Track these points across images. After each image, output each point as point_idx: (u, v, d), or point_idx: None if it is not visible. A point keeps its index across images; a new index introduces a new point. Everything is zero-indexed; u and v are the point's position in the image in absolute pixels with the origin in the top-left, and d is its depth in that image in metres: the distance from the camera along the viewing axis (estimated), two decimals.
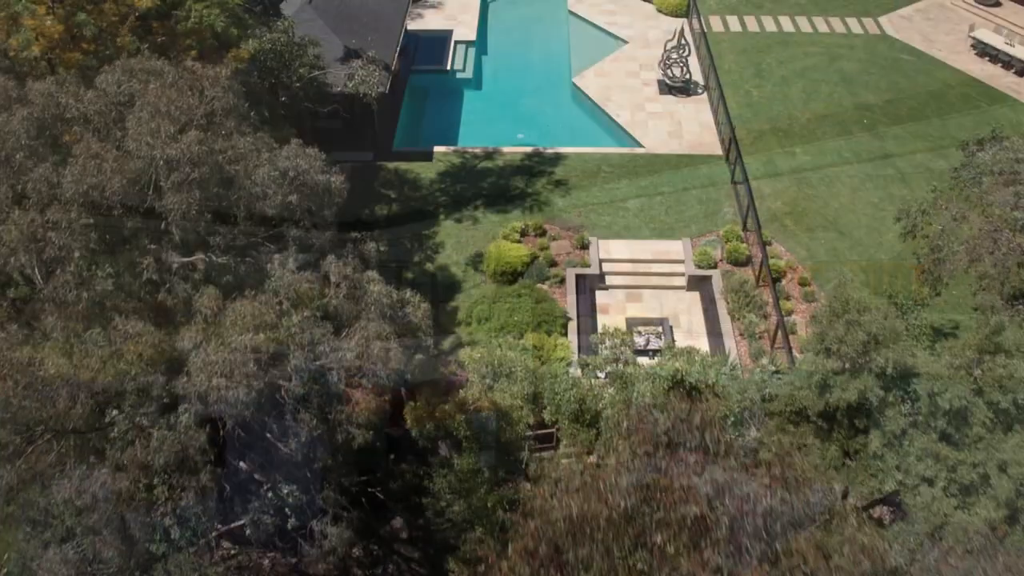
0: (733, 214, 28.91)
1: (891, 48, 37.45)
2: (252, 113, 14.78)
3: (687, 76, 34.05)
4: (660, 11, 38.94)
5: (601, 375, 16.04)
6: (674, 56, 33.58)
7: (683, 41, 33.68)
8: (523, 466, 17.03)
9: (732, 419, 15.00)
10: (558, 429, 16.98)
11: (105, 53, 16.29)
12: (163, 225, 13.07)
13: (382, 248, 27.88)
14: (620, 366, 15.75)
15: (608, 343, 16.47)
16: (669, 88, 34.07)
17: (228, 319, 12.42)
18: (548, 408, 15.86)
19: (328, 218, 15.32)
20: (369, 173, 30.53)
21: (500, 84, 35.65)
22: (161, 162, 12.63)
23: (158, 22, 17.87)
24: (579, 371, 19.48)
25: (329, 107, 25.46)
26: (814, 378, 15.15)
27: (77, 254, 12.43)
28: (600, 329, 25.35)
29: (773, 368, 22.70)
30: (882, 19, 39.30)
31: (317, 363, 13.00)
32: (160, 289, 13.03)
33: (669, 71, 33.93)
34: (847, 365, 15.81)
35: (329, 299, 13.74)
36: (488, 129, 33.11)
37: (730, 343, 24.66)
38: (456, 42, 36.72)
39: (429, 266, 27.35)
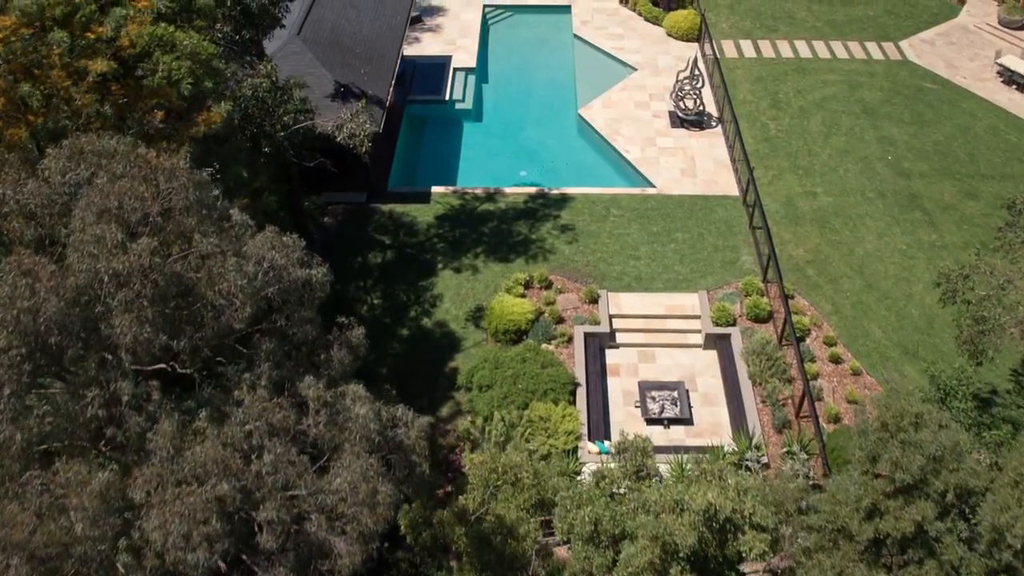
0: (752, 263, 27.04)
1: (913, 75, 35.55)
2: (219, 196, 12.86)
3: (700, 108, 32.16)
4: (670, 35, 36.99)
5: (619, 489, 14.21)
6: (687, 87, 31.66)
7: (696, 71, 31.74)
8: None
9: (767, 545, 13.17)
10: (569, 549, 15.18)
11: (58, 122, 14.37)
12: (111, 349, 11.19)
13: (376, 300, 26.29)
14: (639, 483, 13.89)
15: (626, 455, 14.59)
16: (681, 121, 32.15)
17: (187, 465, 10.54)
18: (558, 527, 14.03)
19: (308, 316, 13.40)
20: (362, 216, 28.59)
21: (501, 115, 33.70)
22: (106, 277, 10.74)
23: (117, 83, 15.95)
24: (592, 464, 17.62)
25: (316, 160, 23.54)
26: (863, 503, 13.30)
27: (8, 390, 10.55)
28: (612, 399, 23.95)
29: (804, 455, 20.92)
30: (903, 43, 37.41)
31: (294, 510, 11.13)
32: (109, 424, 11.16)
33: (682, 103, 32.02)
34: (899, 485, 13.97)
35: (307, 427, 11.85)
36: (489, 165, 31.22)
37: (752, 416, 22.78)
38: (455, 69, 34.76)
39: (426, 321, 25.47)
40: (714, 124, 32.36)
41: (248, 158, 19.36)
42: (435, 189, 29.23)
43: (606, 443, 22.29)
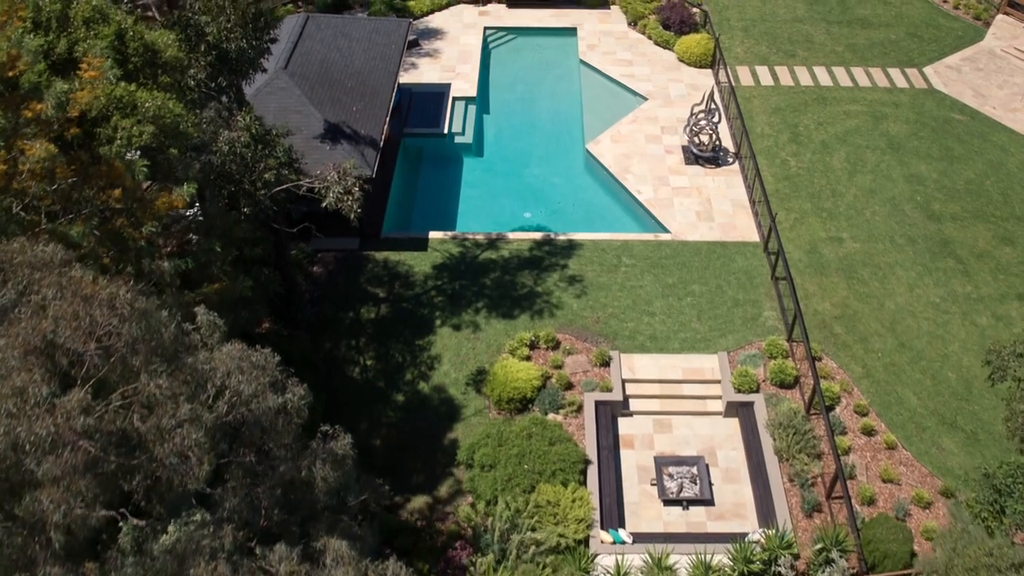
0: (776, 319, 25.08)
1: (940, 105, 33.57)
2: (174, 315, 10.88)
3: (716, 144, 30.18)
4: (682, 61, 34.94)
5: None
6: (703, 122, 29.67)
7: (713, 105, 29.74)
8: None
9: None
10: None
11: None
12: (38, 527, 9.23)
13: (369, 361, 24.23)
14: None
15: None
16: (696, 157, 30.15)
17: None
18: None
19: (283, 453, 11.39)
20: (355, 265, 26.58)
21: (504, 150, 31.64)
22: (28, 445, 8.77)
23: (70, 154, 13.96)
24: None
25: (302, 218, 21.55)
26: None
27: None
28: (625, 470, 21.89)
29: (843, 561, 18.90)
30: (927, 70, 35.41)
31: None
32: None
33: (696, 138, 30.03)
34: None
35: None
36: (490, 205, 29.19)
37: (779, 497, 20.81)
38: (454, 98, 32.64)
39: (423, 385, 23.49)
40: (731, 160, 30.36)
41: (223, 226, 17.36)
42: (433, 235, 27.22)
43: (620, 532, 20.34)
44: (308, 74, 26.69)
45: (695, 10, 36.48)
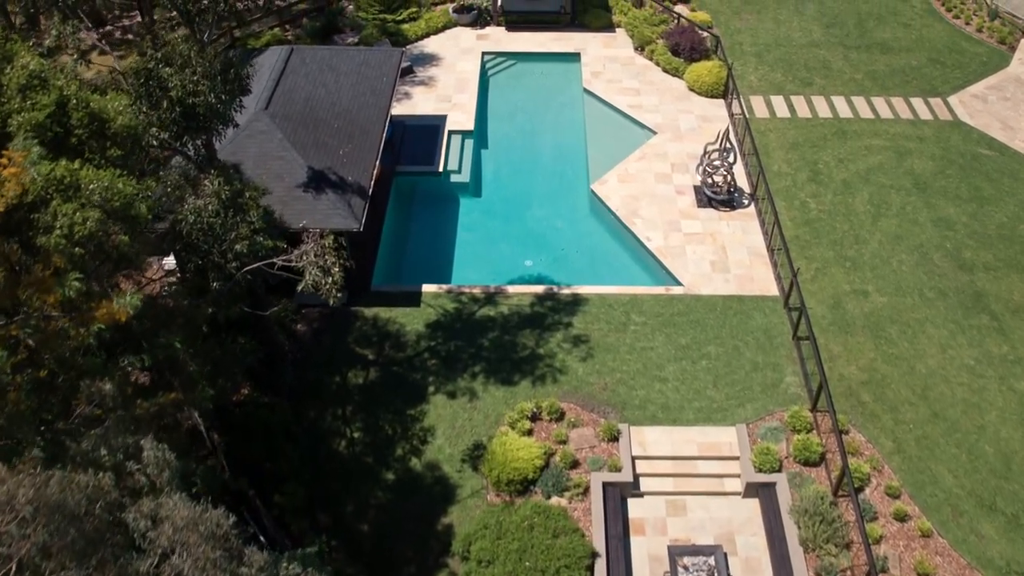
0: (798, 385, 23.12)
1: (967, 139, 31.59)
2: (110, 505, 8.93)
3: (732, 185, 28.24)
4: (692, 90, 32.89)
5: None
6: (717, 163, 27.69)
7: (728, 144, 27.77)
8: None
9: None
10: None
11: None
12: None
13: (356, 434, 22.21)
14: None
15: None
16: (709, 200, 28.18)
17: None
18: None
19: None
20: (342, 322, 24.55)
21: (503, 190, 29.58)
22: None
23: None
24: None
25: (277, 305, 19.60)
26: None
27: None
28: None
29: None
30: (952, 99, 33.43)
31: None
32: None
33: (710, 179, 28.06)
34: None
35: None
36: (489, 252, 27.19)
37: None
38: (450, 132, 30.58)
39: (415, 462, 21.54)
40: (746, 202, 28.36)
41: (187, 319, 15.39)
42: (426, 288, 25.22)
43: None
44: (291, 114, 24.65)
45: (705, 35, 34.51)
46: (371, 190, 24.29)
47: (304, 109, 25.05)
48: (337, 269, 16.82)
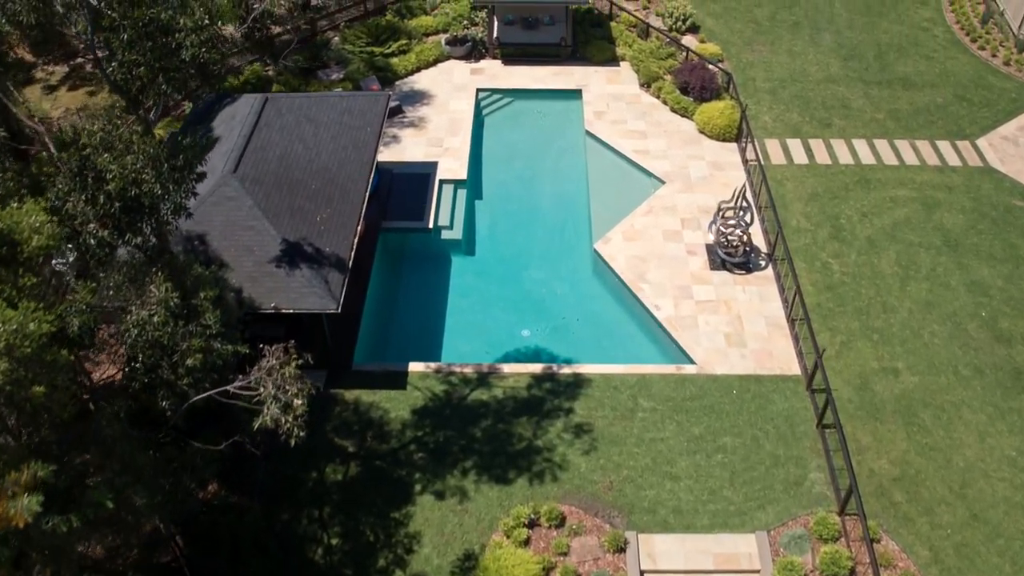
0: (824, 482, 20.86)
1: (999, 189, 29.31)
2: None
3: (748, 247, 25.95)
4: (702, 132, 30.52)
5: None
6: (732, 222, 25.44)
7: (744, 203, 25.53)
8: None
9: None
10: None
11: None
12: None
13: (334, 540, 19.89)
14: None
15: None
16: (723, 262, 25.95)
17: None
18: None
19: None
20: (320, 407, 22.10)
21: (498, 247, 27.20)
22: None
23: None
24: None
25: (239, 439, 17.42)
26: None
27: None
28: None
29: None
30: (981, 142, 31.14)
31: None
32: None
33: (724, 239, 25.81)
34: None
35: None
36: (483, 319, 24.88)
37: None
38: (441, 181, 28.24)
39: (399, 575, 19.36)
40: (763, 264, 26.11)
41: (123, 457, 13.17)
42: (413, 367, 22.93)
43: None
44: (263, 176, 22.33)
45: (716, 71, 32.17)
46: (352, 258, 21.97)
47: (278, 169, 22.73)
48: (300, 402, 14.58)
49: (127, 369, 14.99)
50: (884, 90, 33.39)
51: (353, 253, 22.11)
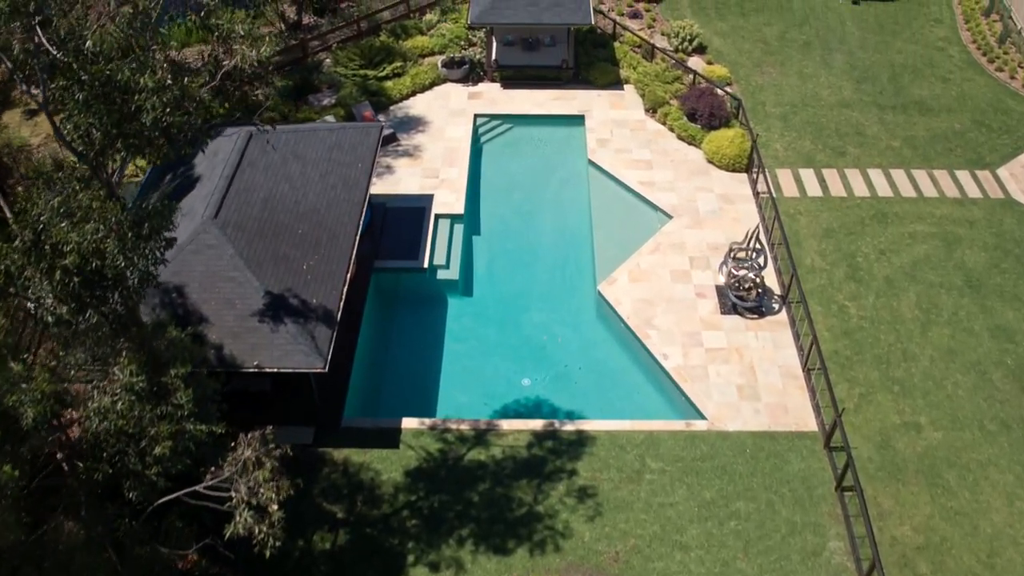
0: (843, 552, 19.51)
1: (1022, 223, 27.94)
2: None
3: (761, 291, 24.50)
4: (711, 162, 29.20)
5: None
6: (745, 266, 24.10)
7: (758, 245, 24.20)
8: None
9: None
10: None
11: None
12: None
13: None
14: None
15: None
16: (733, 305, 24.65)
17: None
18: None
19: None
20: (308, 468, 20.69)
21: (497, 287, 25.78)
22: None
23: None
24: None
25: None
26: None
27: None
28: None
29: None
30: (1001, 172, 29.75)
31: None
32: None
33: (735, 281, 24.46)
34: None
35: None
36: (480, 367, 23.49)
37: None
38: (437, 216, 26.86)
39: None
40: (776, 307, 24.83)
41: (85, 570, 11.84)
42: (406, 423, 21.58)
43: None
44: (246, 222, 20.95)
45: (725, 96, 30.74)
46: (340, 309, 20.58)
47: (262, 213, 21.36)
48: (276, 508, 13.26)
49: (88, 463, 13.65)
50: (899, 115, 32.03)
51: (342, 303, 20.74)
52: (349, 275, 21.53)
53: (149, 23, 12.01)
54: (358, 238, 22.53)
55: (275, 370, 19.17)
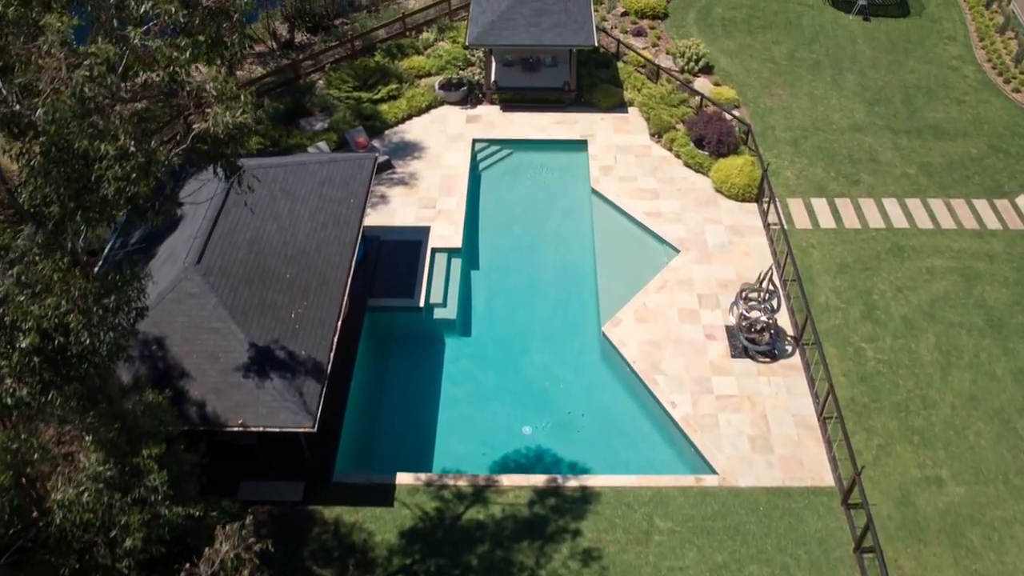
0: None
1: None
2: None
3: (773, 333, 23.29)
4: (720, 191, 28.04)
5: None
6: (757, 311, 22.95)
7: (771, 287, 23.08)
8: None
9: None
10: None
11: None
12: None
13: None
14: None
15: None
16: (744, 348, 23.55)
17: None
18: None
19: None
20: (296, 527, 19.51)
21: (496, 327, 24.59)
22: None
23: None
24: None
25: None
26: None
27: None
28: None
29: None
30: (1020, 200, 28.37)
31: None
32: None
33: (748, 323, 23.31)
34: None
35: None
36: (479, 414, 22.31)
37: None
38: (434, 250, 25.71)
39: None
40: (789, 349, 23.70)
41: None
42: (401, 478, 20.34)
43: None
44: (231, 266, 19.77)
45: (733, 121, 29.50)
46: (331, 360, 19.39)
47: (248, 256, 20.18)
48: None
49: (54, 557, 12.54)
50: (914, 140, 30.90)
51: (332, 354, 19.57)
52: (340, 322, 20.38)
53: (108, 84, 10.78)
54: (350, 277, 21.42)
55: (260, 429, 18.10)
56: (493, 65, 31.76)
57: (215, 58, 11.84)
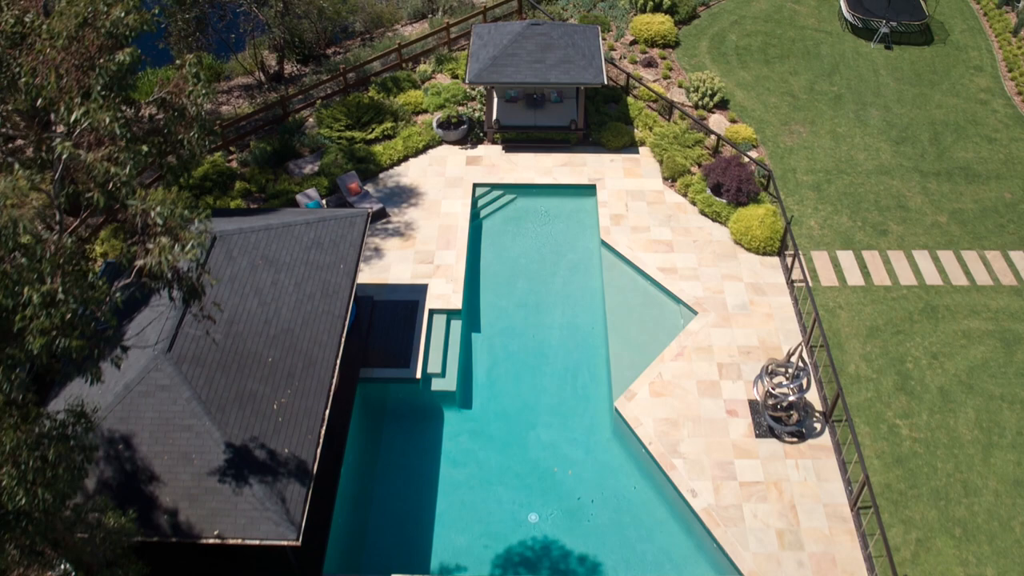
0: None
1: None
2: None
3: (803, 411, 21.50)
4: (739, 243, 26.26)
5: None
6: (783, 388, 21.07)
7: (801, 365, 21.24)
8: None
9: None
10: None
11: None
12: None
13: None
14: None
15: None
16: (770, 427, 21.75)
17: None
18: None
19: None
20: None
21: (500, 400, 22.66)
22: None
23: None
24: None
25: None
26: None
27: None
28: None
29: None
30: None
31: None
32: None
33: (776, 403, 21.51)
34: None
35: None
36: (481, 500, 20.36)
37: None
38: (432, 312, 23.93)
39: None
40: (817, 427, 21.91)
41: None
42: None
43: None
44: (205, 354, 17.82)
45: (753, 166, 27.43)
46: (317, 459, 17.51)
47: (225, 340, 18.25)
48: None
49: None
50: (944, 183, 29.02)
51: (319, 450, 17.59)
52: (328, 410, 18.46)
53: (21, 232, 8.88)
54: (340, 357, 19.52)
55: (239, 542, 16.27)
56: (495, 100, 29.77)
57: (165, 168, 10.00)
